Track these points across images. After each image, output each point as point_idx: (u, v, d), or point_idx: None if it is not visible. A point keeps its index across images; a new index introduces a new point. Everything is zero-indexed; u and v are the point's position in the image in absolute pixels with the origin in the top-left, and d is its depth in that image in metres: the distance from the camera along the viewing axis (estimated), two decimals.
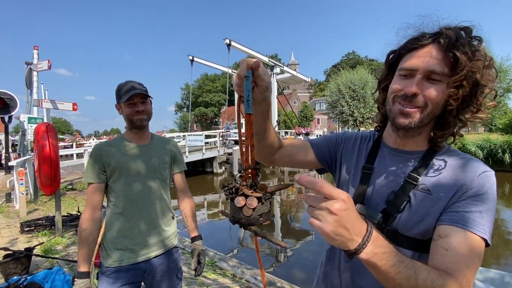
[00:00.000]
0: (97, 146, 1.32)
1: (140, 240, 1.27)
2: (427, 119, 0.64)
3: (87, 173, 1.27)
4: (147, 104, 1.34)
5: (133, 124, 1.31)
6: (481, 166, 0.64)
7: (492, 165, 14.44)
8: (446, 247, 0.55)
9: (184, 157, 7.49)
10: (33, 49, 6.54)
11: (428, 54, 0.61)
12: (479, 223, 0.56)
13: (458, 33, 0.60)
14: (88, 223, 1.22)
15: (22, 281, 2.12)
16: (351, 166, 0.79)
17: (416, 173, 0.66)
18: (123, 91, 1.28)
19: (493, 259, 4.76)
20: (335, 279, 0.78)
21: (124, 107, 1.29)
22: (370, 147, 0.79)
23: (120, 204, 1.27)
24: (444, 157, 0.67)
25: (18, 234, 4.06)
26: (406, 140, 0.70)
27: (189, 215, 1.49)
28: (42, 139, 3.16)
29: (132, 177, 1.28)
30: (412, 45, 0.64)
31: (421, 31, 0.65)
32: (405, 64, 0.64)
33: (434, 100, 0.61)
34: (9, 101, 6.08)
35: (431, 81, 0.61)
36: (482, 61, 0.58)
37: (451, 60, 0.58)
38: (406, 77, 0.64)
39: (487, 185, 0.61)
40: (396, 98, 0.66)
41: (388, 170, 0.71)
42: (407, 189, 0.65)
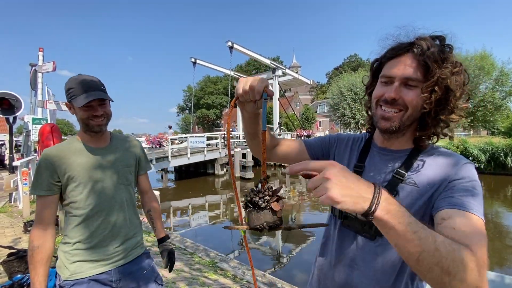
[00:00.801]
0: (47, 152, 1.12)
1: (101, 250, 1.15)
2: (408, 121, 0.70)
3: (36, 184, 1.09)
4: (106, 106, 1.17)
5: (89, 129, 1.15)
6: (462, 159, 0.69)
7: (494, 169, 14.36)
8: (453, 226, 0.55)
9: (186, 158, 7.48)
10: (38, 51, 6.62)
11: (404, 63, 0.67)
12: (474, 205, 0.59)
13: (431, 42, 0.66)
14: (41, 239, 1.06)
15: (25, 279, 2.15)
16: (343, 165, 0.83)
17: (403, 169, 0.71)
18: (77, 90, 1.09)
19: (495, 262, 4.74)
20: (329, 273, 0.82)
21: (79, 110, 1.11)
22: (361, 147, 0.85)
23: (79, 213, 1.13)
24: (428, 154, 0.73)
25: (21, 233, 4.10)
26: (392, 141, 0.77)
27: (155, 217, 1.42)
28: (47, 139, 3.20)
29: (93, 185, 1.14)
30: (391, 54, 0.71)
31: (399, 41, 0.71)
32: (385, 72, 0.71)
33: (412, 103, 0.67)
34: (14, 102, 6.17)
35: (408, 87, 0.68)
36: (450, 68, 0.64)
37: (424, 67, 0.65)
38: (386, 84, 0.71)
39: (471, 174, 0.65)
40: (379, 102, 0.72)
41: (377, 168, 0.77)
42: (394, 184, 0.71)
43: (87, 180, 1.14)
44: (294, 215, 8.20)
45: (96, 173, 1.16)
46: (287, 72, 20.89)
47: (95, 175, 1.16)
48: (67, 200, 1.14)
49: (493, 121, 20.29)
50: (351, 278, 0.75)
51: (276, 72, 19.58)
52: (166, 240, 1.40)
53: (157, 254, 3.46)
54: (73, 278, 1.10)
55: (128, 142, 1.34)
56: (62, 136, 3.85)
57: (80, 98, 1.09)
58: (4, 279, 2.60)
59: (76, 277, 1.11)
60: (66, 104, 1.17)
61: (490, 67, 19.04)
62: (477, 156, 14.42)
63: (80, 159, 1.15)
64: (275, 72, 19.59)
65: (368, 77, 0.82)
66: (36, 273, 1.05)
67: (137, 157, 1.35)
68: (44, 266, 1.06)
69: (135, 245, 1.27)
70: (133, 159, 1.32)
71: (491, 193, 10.71)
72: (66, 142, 1.20)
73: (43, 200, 1.10)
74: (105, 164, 1.20)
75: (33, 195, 1.12)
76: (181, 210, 8.99)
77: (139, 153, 1.37)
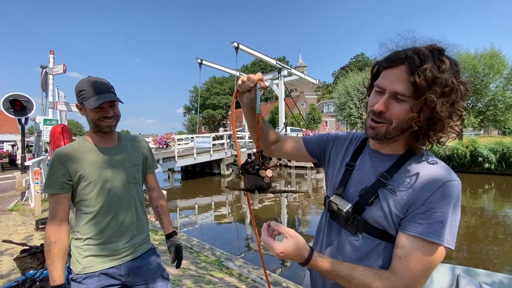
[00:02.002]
0: (59, 152, 1.17)
1: (111, 246, 1.20)
2: (393, 132, 0.70)
3: (49, 183, 1.13)
4: (116, 107, 1.22)
5: (100, 129, 1.20)
6: (447, 175, 0.67)
7: (505, 169, 14.02)
8: (400, 255, 0.65)
9: (192, 158, 7.57)
10: (49, 54, 6.78)
11: (396, 76, 0.66)
12: (438, 233, 0.63)
13: (426, 56, 0.63)
14: (57, 235, 1.11)
15: (38, 275, 2.21)
16: (337, 163, 0.89)
17: (388, 173, 0.73)
18: (89, 93, 1.14)
19: (507, 264, 4.66)
20: None
21: (90, 111, 1.16)
22: (356, 147, 0.88)
23: (90, 210, 1.18)
24: (416, 162, 0.72)
25: (33, 231, 4.22)
26: (383, 145, 0.78)
27: (162, 213, 1.46)
28: (57, 140, 3.29)
29: (103, 184, 1.19)
30: (386, 64, 0.70)
31: (397, 50, 0.70)
32: (379, 82, 0.72)
33: (398, 117, 0.68)
34: (26, 104, 6.34)
35: (397, 100, 0.67)
36: (438, 90, 0.62)
37: (414, 84, 0.63)
38: (379, 93, 0.71)
39: (449, 195, 0.65)
40: (370, 112, 0.74)
41: (365, 168, 0.80)
42: (377, 186, 0.74)
43: (97, 179, 1.18)
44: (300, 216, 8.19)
45: (106, 172, 1.21)
46: (293, 72, 20.83)
47: (105, 174, 1.20)
48: (78, 198, 1.19)
49: (504, 120, 19.82)
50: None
51: (282, 72, 19.54)
52: (174, 236, 1.45)
53: (164, 252, 3.52)
54: (84, 272, 1.15)
55: (136, 142, 1.39)
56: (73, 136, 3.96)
57: (92, 100, 1.13)
58: (17, 274, 2.69)
59: (88, 271, 1.16)
60: (76, 105, 1.22)
61: (500, 66, 18.62)
62: (488, 157, 14.12)
63: (91, 158, 1.19)
64: (280, 72, 19.56)
65: (368, 79, 0.83)
66: (55, 266, 1.09)
67: (145, 156, 1.39)
68: (62, 259, 1.11)
69: (143, 241, 1.32)
70: (140, 158, 1.36)
71: (502, 195, 10.48)
72: (77, 142, 1.24)
73: (56, 198, 1.14)
74: (114, 163, 1.24)
75: (46, 193, 1.15)
76: (187, 209, 9.08)
77: (146, 152, 1.41)
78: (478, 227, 6.64)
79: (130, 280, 1.25)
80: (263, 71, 45.34)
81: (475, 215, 7.68)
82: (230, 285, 2.88)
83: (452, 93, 0.64)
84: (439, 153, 15.54)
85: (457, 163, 15.26)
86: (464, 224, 6.89)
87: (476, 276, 2.84)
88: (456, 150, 15.22)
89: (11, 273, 2.83)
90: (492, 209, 8.32)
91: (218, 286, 2.80)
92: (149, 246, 1.37)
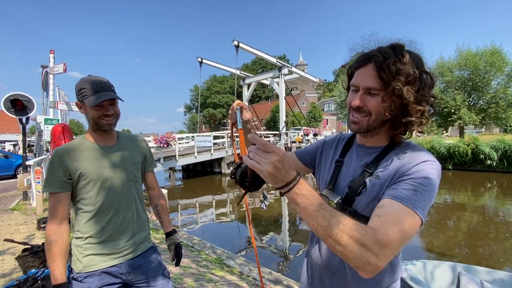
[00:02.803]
0: (58, 150, 1.16)
1: (112, 244, 1.20)
2: (375, 124, 0.77)
3: (49, 181, 1.12)
4: (116, 105, 1.23)
5: (99, 127, 1.21)
6: (426, 156, 0.73)
7: (507, 167, 13.99)
8: (379, 213, 0.65)
9: (193, 157, 7.60)
10: (49, 53, 6.79)
11: (366, 73, 0.75)
12: (412, 199, 0.65)
13: (388, 53, 0.72)
14: (57, 233, 1.11)
15: (40, 274, 2.22)
16: (327, 162, 0.96)
17: (373, 163, 0.79)
18: (89, 91, 1.14)
19: (508, 262, 4.65)
20: (315, 254, 0.91)
21: (91, 109, 1.16)
22: (344, 144, 0.95)
23: (90, 209, 1.18)
24: (400, 151, 0.78)
25: (35, 230, 4.23)
26: (367, 138, 0.85)
27: (162, 212, 1.47)
28: (58, 139, 3.30)
29: (103, 182, 1.19)
30: (356, 65, 0.79)
31: (363, 51, 0.79)
32: (353, 81, 0.80)
33: (374, 109, 0.75)
34: (26, 103, 6.33)
35: (371, 95, 0.75)
36: (403, 79, 0.70)
37: (382, 78, 0.72)
38: (355, 91, 0.79)
39: (424, 173, 0.69)
40: (350, 109, 0.81)
41: (353, 162, 0.86)
42: (364, 177, 0.79)
43: (97, 178, 1.18)
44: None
45: (105, 170, 1.21)
46: (294, 70, 20.80)
47: (105, 172, 1.21)
48: (78, 196, 1.19)
49: (505, 118, 19.73)
50: (331, 260, 0.85)
51: (282, 70, 19.51)
52: (174, 234, 1.45)
53: (165, 250, 3.53)
54: (86, 271, 1.15)
55: (135, 141, 1.39)
56: (74, 136, 3.97)
57: (92, 97, 1.14)
58: (19, 273, 2.70)
59: (89, 269, 1.16)
60: (76, 103, 1.21)
61: (502, 63, 18.52)
62: (489, 154, 14.09)
63: (91, 157, 1.19)
64: (281, 70, 19.53)
65: (346, 82, 0.90)
66: (56, 265, 1.09)
67: (144, 155, 1.40)
68: (63, 258, 1.11)
69: (143, 239, 1.32)
70: (140, 157, 1.36)
71: (503, 192, 10.45)
72: (77, 140, 1.23)
73: (56, 197, 1.14)
74: (114, 162, 1.24)
75: (46, 192, 1.14)
76: (188, 208, 9.10)
77: (145, 152, 1.41)
78: (479, 225, 6.63)
79: (131, 278, 1.25)
80: (264, 69, 45.28)
81: (477, 213, 7.67)
82: (231, 283, 2.89)
83: (416, 81, 0.71)
84: (440, 152, 15.52)
85: (459, 161, 15.23)
86: (466, 222, 6.88)
87: (477, 273, 2.84)
88: (457, 148, 15.18)
89: (13, 272, 2.84)
90: (494, 207, 8.30)
91: (219, 284, 2.80)
92: (150, 244, 1.37)
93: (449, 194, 10.16)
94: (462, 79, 20.36)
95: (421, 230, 6.37)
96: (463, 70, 20.22)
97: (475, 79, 19.58)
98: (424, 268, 2.91)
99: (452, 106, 20.15)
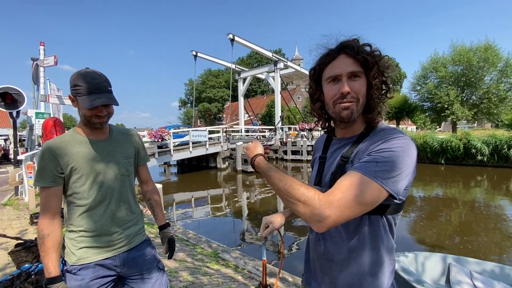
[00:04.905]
0: (49, 144, 1.14)
1: (105, 238, 1.20)
2: (361, 108, 0.83)
3: (40, 176, 1.10)
4: (111, 106, 1.20)
5: (91, 125, 1.19)
6: (397, 134, 0.76)
7: (497, 161, 14.26)
8: (339, 181, 0.73)
9: (188, 152, 7.59)
10: (39, 45, 6.62)
11: (343, 62, 0.81)
12: (370, 169, 0.70)
13: (356, 43, 0.81)
14: (50, 228, 1.10)
15: (33, 269, 2.21)
16: (315, 160, 1.03)
17: (349, 152, 0.84)
18: (84, 90, 1.10)
19: (497, 254, 4.78)
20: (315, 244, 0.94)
21: (83, 108, 1.12)
22: (325, 141, 1.00)
23: (82, 203, 1.17)
24: (374, 134, 0.83)
25: (28, 225, 4.19)
26: (346, 130, 0.90)
27: (155, 206, 1.47)
28: (50, 133, 3.25)
29: (95, 176, 1.18)
30: (327, 59, 0.84)
31: (327, 48, 0.85)
32: (330, 73, 0.83)
33: (361, 92, 0.81)
34: (17, 97, 6.21)
35: (354, 79, 0.80)
36: (384, 61, 0.81)
37: (361, 61, 0.79)
38: (335, 82, 0.83)
39: (390, 144, 0.73)
40: (336, 100, 0.83)
41: (333, 155, 0.91)
42: (342, 165, 0.84)
43: (89, 172, 1.17)
44: None
45: (98, 164, 1.20)
46: (289, 64, 20.72)
47: (97, 166, 1.19)
48: (70, 191, 1.17)
49: (497, 113, 20.07)
50: (327, 247, 0.88)
51: (277, 64, 19.43)
52: (167, 228, 1.45)
53: (159, 245, 3.53)
54: (79, 263, 1.15)
55: (128, 135, 1.38)
56: (65, 130, 3.91)
57: (87, 98, 1.10)
58: (12, 268, 2.68)
59: (83, 262, 1.15)
60: (69, 96, 1.17)
61: (495, 58, 18.72)
62: (481, 149, 14.34)
63: (82, 151, 1.17)
64: (276, 65, 19.44)
65: (310, 85, 0.94)
66: (50, 259, 1.08)
67: (137, 149, 1.39)
68: (56, 252, 1.10)
69: (137, 232, 1.32)
70: (132, 151, 1.35)
71: (493, 186, 10.69)
72: (68, 134, 1.21)
73: (48, 191, 1.12)
74: (106, 155, 1.23)
75: (38, 186, 1.12)
76: (184, 202, 9.10)
77: (138, 146, 1.40)
78: (469, 217, 6.79)
79: (126, 271, 1.25)
80: (259, 63, 45.04)
81: (467, 206, 7.84)
82: (226, 276, 2.91)
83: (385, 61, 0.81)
84: (433, 146, 15.74)
85: (451, 156, 15.48)
86: (457, 215, 7.03)
87: (467, 264, 2.92)
88: (450, 142, 15.40)
89: (6, 267, 2.82)
90: (484, 201, 8.49)
91: (214, 277, 2.83)
92: (144, 237, 1.37)
93: (441, 188, 10.35)
94: (455, 75, 20.57)
95: (413, 223, 6.49)
96: (457, 65, 20.40)
97: (469, 74, 19.79)
98: (416, 259, 2.98)
99: (445, 102, 20.37)
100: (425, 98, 22.50)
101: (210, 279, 2.75)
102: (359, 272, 0.81)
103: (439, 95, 20.45)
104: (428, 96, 21.80)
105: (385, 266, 0.82)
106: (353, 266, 0.82)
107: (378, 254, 0.81)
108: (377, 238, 0.80)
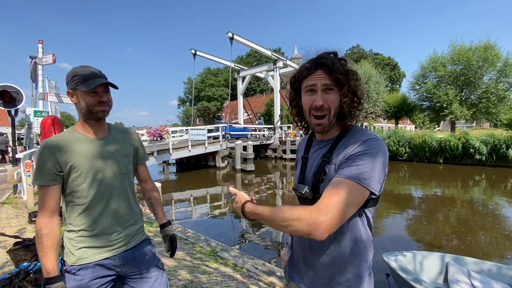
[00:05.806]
0: (48, 142, 1.13)
1: (105, 237, 1.19)
2: (333, 119, 0.91)
3: (39, 174, 1.10)
4: (110, 93, 1.23)
5: (93, 115, 1.18)
6: (370, 135, 0.86)
7: (496, 161, 14.31)
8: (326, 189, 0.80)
9: (187, 151, 7.58)
10: (37, 43, 6.59)
11: (319, 75, 0.89)
12: (352, 172, 0.79)
13: (332, 59, 0.88)
14: (48, 227, 1.09)
15: (32, 267, 2.20)
16: (298, 160, 1.11)
17: (329, 153, 0.92)
18: (83, 77, 1.13)
19: (495, 253, 4.80)
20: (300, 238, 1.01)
21: (85, 96, 1.14)
22: (306, 142, 1.08)
23: (81, 202, 1.16)
24: (350, 136, 0.91)
25: (26, 224, 4.18)
26: (324, 134, 0.98)
27: (155, 204, 1.47)
28: (48, 131, 3.24)
29: (94, 175, 1.17)
30: (306, 73, 0.92)
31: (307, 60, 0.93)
32: (308, 83, 0.92)
33: (333, 104, 0.89)
34: (15, 95, 6.16)
35: (328, 92, 0.89)
36: (355, 79, 0.89)
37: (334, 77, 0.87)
38: (311, 92, 0.91)
39: (367, 147, 0.82)
40: (311, 111, 0.92)
41: (314, 156, 0.99)
42: (323, 166, 0.92)
43: (89, 170, 1.16)
44: None
45: (97, 162, 1.19)
46: (289, 63, 20.72)
47: (96, 164, 1.19)
48: (69, 189, 1.16)
49: (495, 113, 20.11)
50: (310, 241, 0.96)
51: (277, 63, 19.42)
52: (168, 226, 1.45)
53: (159, 243, 3.53)
54: (79, 263, 1.14)
55: (127, 133, 1.38)
56: (64, 128, 3.89)
57: (87, 83, 1.13)
58: (11, 267, 2.67)
59: (82, 262, 1.15)
60: (68, 92, 1.17)
61: (495, 58, 18.75)
62: (479, 148, 14.38)
63: (81, 149, 1.17)
64: (276, 63, 19.44)
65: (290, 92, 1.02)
66: (48, 258, 1.07)
67: (136, 148, 1.39)
68: (55, 251, 1.10)
69: (137, 231, 1.31)
70: (131, 150, 1.35)
71: (491, 186, 10.72)
72: (66, 132, 1.21)
73: (47, 190, 1.11)
74: (106, 154, 1.22)
75: (36, 185, 1.11)
76: (183, 201, 9.09)
77: (137, 144, 1.40)
78: (468, 217, 6.81)
79: (125, 270, 1.24)
80: (258, 62, 44.93)
81: (466, 205, 7.87)
82: (225, 275, 2.92)
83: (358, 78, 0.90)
84: (432, 146, 15.77)
85: (449, 155, 15.52)
86: (455, 214, 7.06)
87: (465, 264, 2.93)
88: (448, 142, 15.44)
89: (4, 266, 2.81)
90: (482, 200, 8.52)
91: (213, 275, 2.83)
92: (144, 236, 1.36)
93: (440, 188, 10.38)
94: (454, 74, 20.59)
95: (411, 222, 6.52)
96: (456, 65, 20.43)
97: (468, 74, 19.81)
98: (414, 258, 2.99)
99: (444, 101, 20.41)
100: (424, 97, 22.52)
101: (209, 278, 2.75)
102: (340, 263, 0.89)
103: (438, 95, 20.49)
104: (427, 95, 21.82)
105: (364, 256, 0.90)
106: (335, 258, 0.90)
107: (357, 246, 0.89)
108: (356, 231, 0.88)
